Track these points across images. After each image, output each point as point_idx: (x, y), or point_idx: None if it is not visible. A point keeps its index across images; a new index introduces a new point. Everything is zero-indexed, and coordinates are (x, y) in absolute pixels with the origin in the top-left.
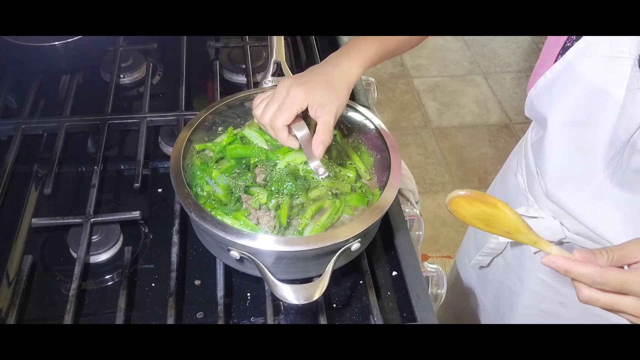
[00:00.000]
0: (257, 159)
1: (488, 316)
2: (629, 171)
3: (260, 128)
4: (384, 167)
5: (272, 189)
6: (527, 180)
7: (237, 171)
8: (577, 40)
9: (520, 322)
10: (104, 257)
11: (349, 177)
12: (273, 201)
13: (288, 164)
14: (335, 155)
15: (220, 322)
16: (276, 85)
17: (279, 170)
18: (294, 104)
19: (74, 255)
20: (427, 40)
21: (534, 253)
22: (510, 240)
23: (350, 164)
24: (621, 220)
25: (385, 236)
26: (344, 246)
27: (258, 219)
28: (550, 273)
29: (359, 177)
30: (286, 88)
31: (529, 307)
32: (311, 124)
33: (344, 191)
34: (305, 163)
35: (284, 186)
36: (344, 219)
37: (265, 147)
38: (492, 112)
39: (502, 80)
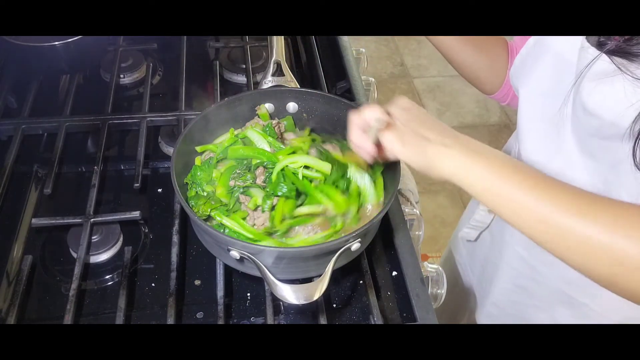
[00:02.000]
0: (258, 160)
1: (475, 290)
2: (587, 136)
3: (262, 129)
4: (384, 168)
5: (268, 190)
6: (518, 156)
7: (238, 172)
8: None
9: (498, 296)
10: (104, 257)
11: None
12: (268, 202)
13: (286, 167)
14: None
15: (220, 322)
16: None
17: (276, 173)
18: None
19: (74, 255)
20: (427, 40)
21: None
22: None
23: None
24: (591, 189)
25: (385, 236)
26: (344, 246)
27: (254, 220)
28: (527, 247)
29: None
30: None
31: (507, 281)
32: None
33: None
34: (307, 167)
35: (279, 188)
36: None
37: (268, 149)
38: (492, 112)
39: None
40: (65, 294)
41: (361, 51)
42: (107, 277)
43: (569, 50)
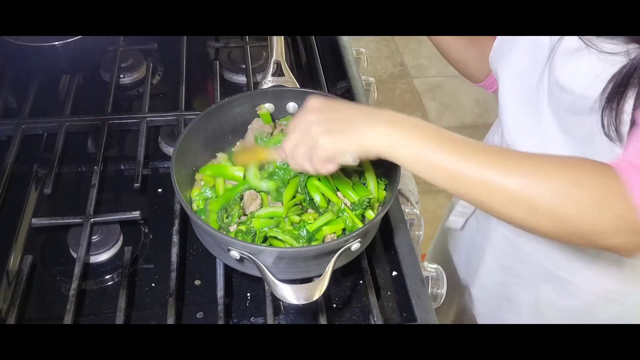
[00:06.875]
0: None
1: (462, 275)
2: (563, 112)
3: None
4: (384, 168)
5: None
6: (501, 138)
7: (226, 208)
8: None
9: (484, 278)
10: (104, 257)
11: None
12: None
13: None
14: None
15: (220, 322)
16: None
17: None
18: None
19: (74, 255)
20: (427, 40)
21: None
22: None
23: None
24: None
25: (385, 236)
26: (344, 246)
27: None
28: (511, 229)
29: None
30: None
31: (492, 262)
32: None
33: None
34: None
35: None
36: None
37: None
38: (492, 112)
39: None
40: (65, 294)
41: (361, 51)
42: (107, 277)
43: None
